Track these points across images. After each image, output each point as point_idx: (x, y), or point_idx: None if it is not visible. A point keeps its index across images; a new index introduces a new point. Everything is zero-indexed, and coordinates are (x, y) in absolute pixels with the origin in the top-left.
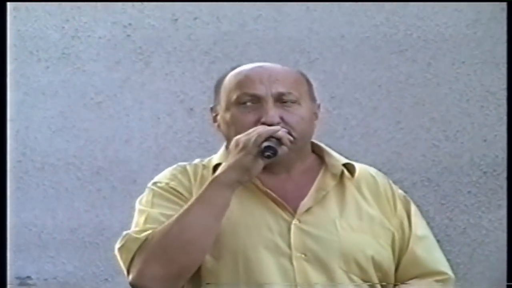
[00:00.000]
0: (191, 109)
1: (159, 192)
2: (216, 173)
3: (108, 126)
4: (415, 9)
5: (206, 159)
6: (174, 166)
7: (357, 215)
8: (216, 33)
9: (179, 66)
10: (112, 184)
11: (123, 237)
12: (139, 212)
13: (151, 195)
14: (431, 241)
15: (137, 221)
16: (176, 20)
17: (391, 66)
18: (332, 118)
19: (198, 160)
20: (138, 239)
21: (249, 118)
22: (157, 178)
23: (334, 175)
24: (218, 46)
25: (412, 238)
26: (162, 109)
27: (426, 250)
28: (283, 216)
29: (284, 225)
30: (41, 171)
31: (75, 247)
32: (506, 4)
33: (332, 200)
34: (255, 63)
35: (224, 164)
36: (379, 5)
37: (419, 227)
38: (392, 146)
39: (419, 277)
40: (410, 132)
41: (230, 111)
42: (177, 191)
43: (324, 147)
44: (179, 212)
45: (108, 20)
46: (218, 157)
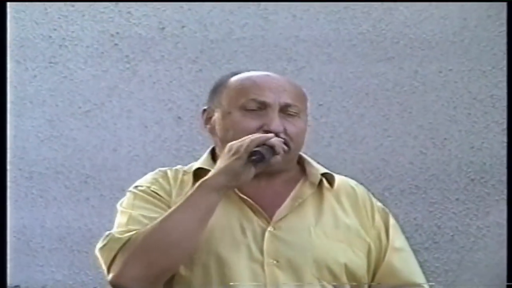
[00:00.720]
0: (179, 117)
1: (141, 195)
2: (206, 177)
3: (96, 134)
4: (402, 16)
5: (188, 165)
6: (155, 171)
7: (333, 224)
8: (204, 41)
9: (166, 75)
10: (100, 193)
11: (105, 236)
12: (121, 213)
13: (132, 197)
14: (408, 253)
15: (119, 221)
16: (163, 28)
17: (378, 74)
18: (319, 126)
19: (179, 166)
20: (120, 239)
21: (251, 124)
22: (138, 182)
23: (313, 184)
24: (205, 54)
25: (389, 250)
26: (150, 117)
27: (403, 262)
28: (259, 222)
29: (259, 231)
30: (29, 180)
31: (64, 256)
32: (506, 4)
33: (308, 208)
34: (260, 71)
35: (214, 168)
36: (366, 12)
37: (396, 239)
38: (380, 153)
39: None
40: (397, 140)
41: (232, 115)
42: (158, 195)
43: (305, 157)
44: (163, 215)
45: (95, 28)
46: (201, 161)
